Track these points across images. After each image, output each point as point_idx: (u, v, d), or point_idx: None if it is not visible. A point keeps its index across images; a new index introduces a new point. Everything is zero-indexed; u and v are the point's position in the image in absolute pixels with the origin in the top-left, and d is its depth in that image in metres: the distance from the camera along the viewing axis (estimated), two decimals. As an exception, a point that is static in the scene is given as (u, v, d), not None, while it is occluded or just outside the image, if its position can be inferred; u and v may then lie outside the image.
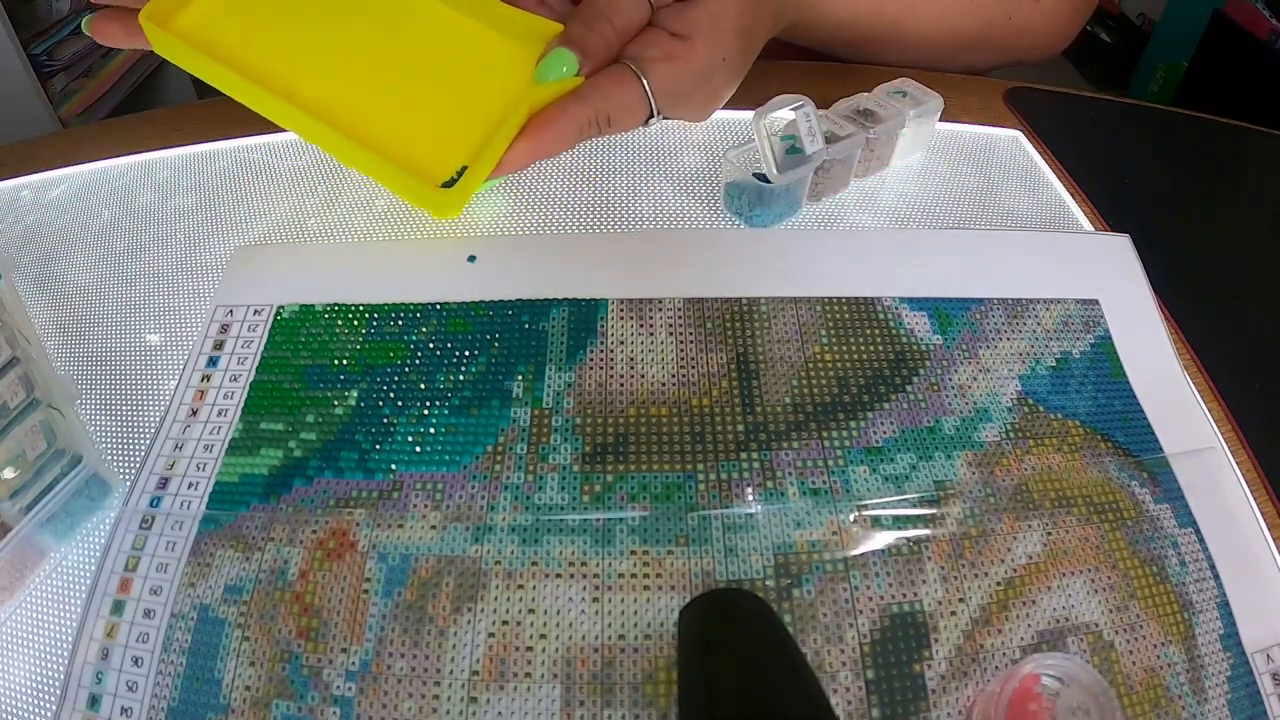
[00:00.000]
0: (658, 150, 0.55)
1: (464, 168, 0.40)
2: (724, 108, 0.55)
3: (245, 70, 0.42)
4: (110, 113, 2.06)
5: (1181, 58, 2.01)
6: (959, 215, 0.50)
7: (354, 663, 0.32)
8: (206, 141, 0.58)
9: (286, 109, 0.41)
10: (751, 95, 0.50)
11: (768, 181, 0.46)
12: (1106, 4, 2.38)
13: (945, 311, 0.43)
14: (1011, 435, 0.38)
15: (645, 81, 0.43)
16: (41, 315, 0.47)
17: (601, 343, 0.42)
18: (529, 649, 0.33)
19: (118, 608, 0.34)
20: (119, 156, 0.58)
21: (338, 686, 0.32)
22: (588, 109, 0.42)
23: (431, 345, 0.42)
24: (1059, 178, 0.53)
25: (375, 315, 0.43)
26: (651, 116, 0.45)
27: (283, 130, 0.57)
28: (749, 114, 0.45)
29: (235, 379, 0.41)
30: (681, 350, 0.41)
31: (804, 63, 0.62)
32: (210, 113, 0.62)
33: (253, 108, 0.42)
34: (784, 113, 0.45)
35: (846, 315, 0.43)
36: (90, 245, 0.51)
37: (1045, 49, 0.65)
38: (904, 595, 0.34)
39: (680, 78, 0.44)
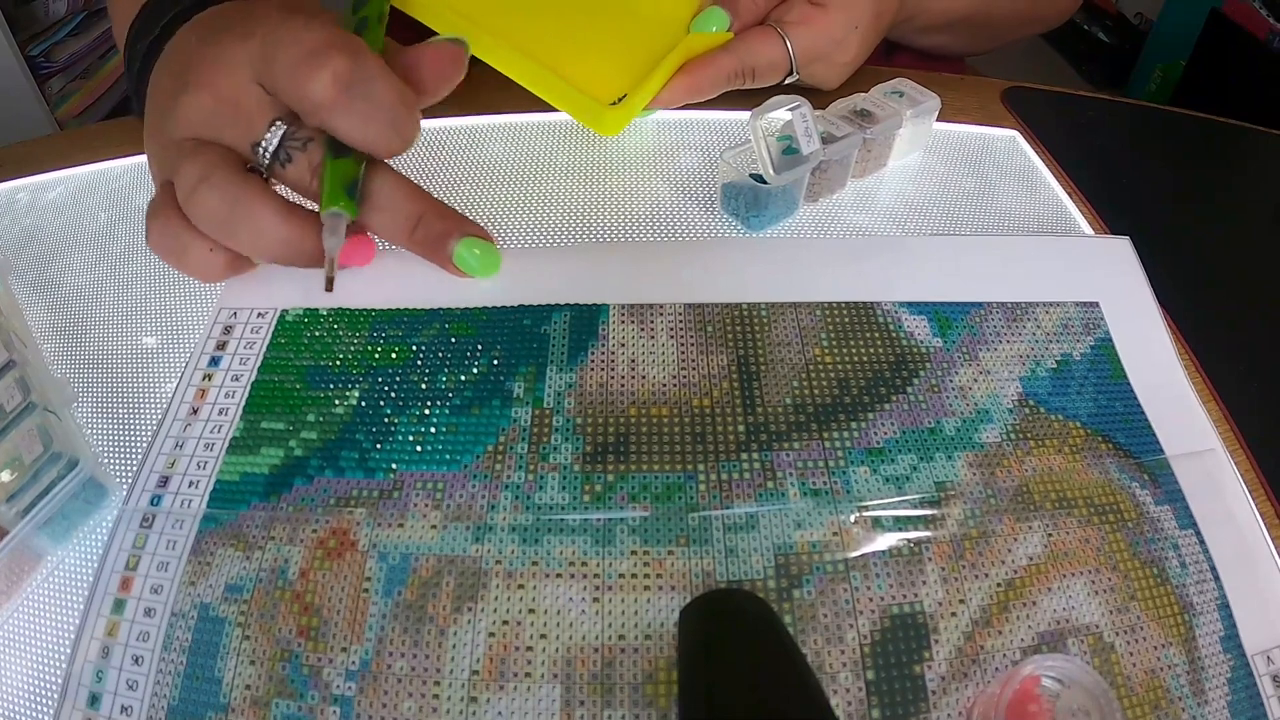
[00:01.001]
0: (655, 151, 0.55)
1: (624, 95, 0.48)
2: (720, 108, 0.55)
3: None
4: (108, 114, 2.06)
5: (1179, 57, 2.01)
6: (956, 216, 0.50)
7: (354, 662, 0.32)
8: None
9: (476, 32, 0.47)
10: (748, 96, 0.51)
11: (764, 183, 0.46)
12: (1104, 3, 2.38)
13: (945, 315, 0.43)
14: (1012, 437, 0.38)
15: (788, 42, 0.50)
16: (38, 317, 0.47)
17: (603, 345, 0.42)
18: (529, 649, 0.33)
19: (118, 606, 0.34)
20: (116, 158, 0.58)
21: (338, 686, 0.32)
22: (736, 61, 0.50)
23: (433, 348, 0.42)
24: (1056, 177, 0.54)
25: (379, 320, 0.43)
26: (790, 75, 0.52)
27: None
28: (745, 114, 0.45)
29: (237, 378, 0.41)
30: (682, 352, 0.41)
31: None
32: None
33: (439, 28, 0.47)
34: (780, 113, 0.45)
35: (846, 319, 0.43)
36: (87, 247, 0.51)
37: (1063, 18, 0.75)
38: (904, 596, 0.34)
39: (817, 41, 0.51)
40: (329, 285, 0.38)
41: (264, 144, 0.38)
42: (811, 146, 0.46)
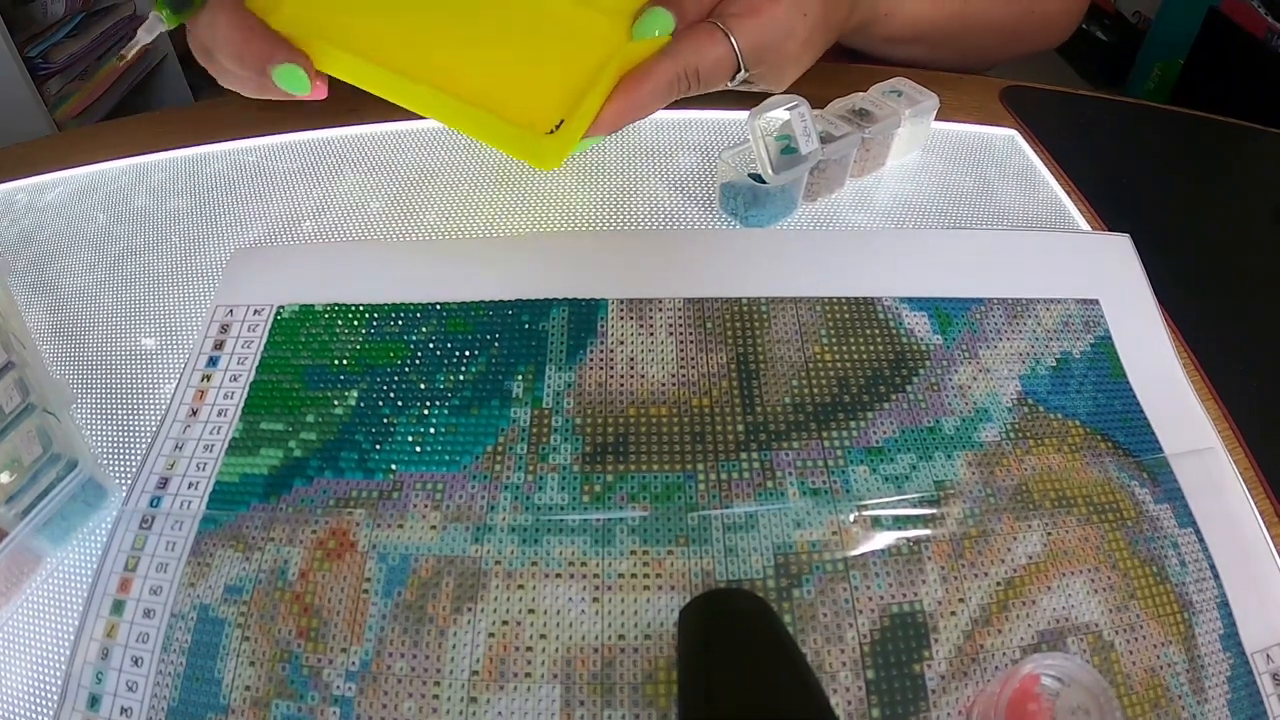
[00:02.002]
0: (653, 151, 0.55)
1: (560, 122, 0.41)
2: (719, 108, 0.55)
3: (339, 43, 0.43)
4: (106, 115, 2.06)
5: (1177, 56, 2.01)
6: (955, 215, 0.50)
7: (354, 663, 0.32)
8: (201, 144, 0.58)
9: (379, 72, 0.42)
10: (746, 96, 0.50)
11: (763, 182, 0.45)
12: (1103, 2, 2.38)
13: (945, 311, 0.43)
14: (1012, 435, 0.38)
15: (732, 37, 0.45)
16: (37, 319, 0.47)
17: (601, 343, 0.42)
18: (529, 649, 0.33)
19: (118, 607, 0.34)
20: (115, 160, 0.58)
21: (338, 686, 0.32)
22: (677, 65, 0.43)
23: (431, 345, 0.42)
24: (1055, 176, 0.53)
25: (375, 315, 0.43)
26: (738, 72, 0.46)
27: (276, 133, 0.57)
28: (744, 114, 0.45)
29: (235, 379, 0.41)
30: (682, 350, 0.41)
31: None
32: (204, 116, 0.62)
33: (343, 77, 0.44)
34: (779, 113, 0.45)
35: (847, 315, 0.43)
36: (86, 248, 0.51)
37: (1059, 37, 0.69)
38: (904, 595, 0.34)
39: (763, 32, 0.46)
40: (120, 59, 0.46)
41: None
42: (810, 146, 0.46)
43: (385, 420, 0.39)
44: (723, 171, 0.49)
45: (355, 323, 0.43)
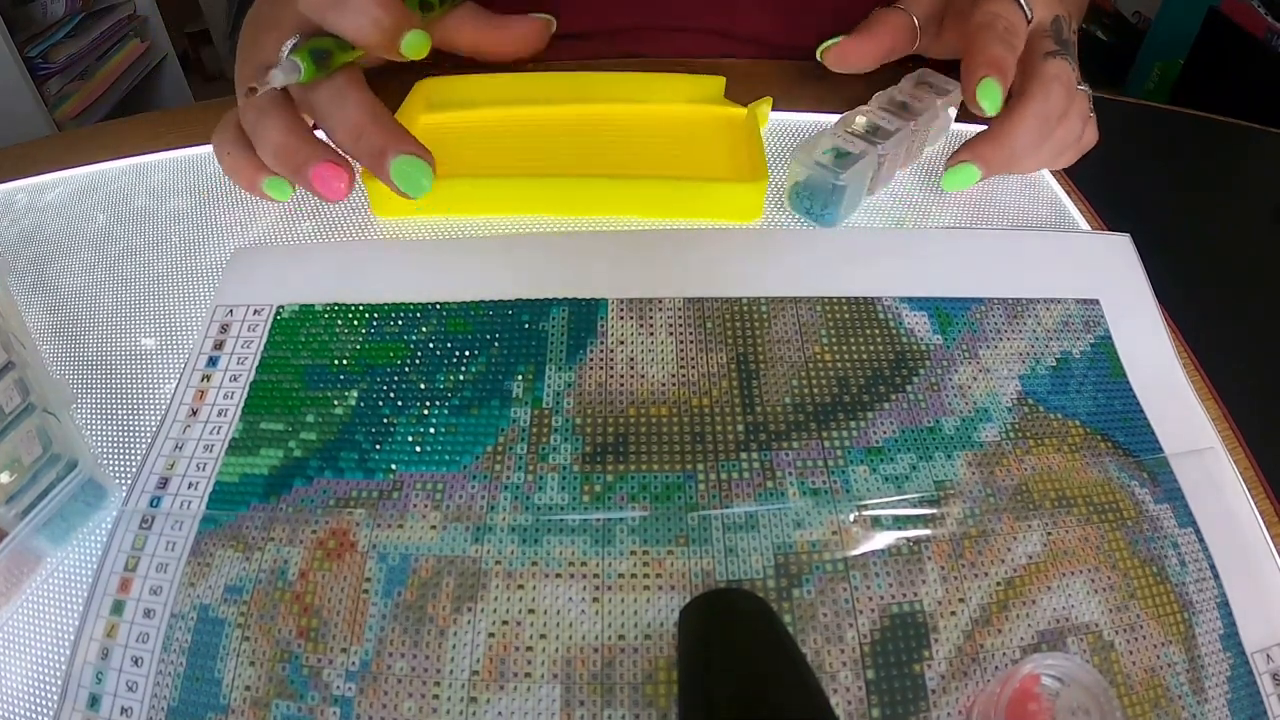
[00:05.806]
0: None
1: None
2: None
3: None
4: (106, 115, 2.06)
5: (1177, 55, 2.01)
6: (954, 213, 0.50)
7: (354, 663, 0.32)
8: (201, 144, 0.58)
9: (549, 182, 0.49)
10: (757, 99, 0.50)
11: (838, 181, 0.45)
12: (1102, 2, 2.39)
13: (945, 311, 0.43)
14: (1012, 435, 0.38)
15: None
16: (37, 319, 0.47)
17: (601, 342, 0.42)
18: (529, 649, 0.33)
19: (118, 607, 0.34)
20: (115, 160, 0.58)
21: (338, 686, 0.32)
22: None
23: (431, 345, 0.42)
24: (1055, 175, 0.53)
25: (375, 315, 0.43)
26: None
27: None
28: (800, 116, 0.45)
29: (235, 379, 0.41)
30: (681, 350, 0.41)
31: (801, 62, 0.62)
32: (204, 116, 0.62)
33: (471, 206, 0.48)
34: (862, 119, 0.48)
35: (847, 315, 0.43)
36: (86, 248, 0.51)
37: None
38: (904, 595, 0.34)
39: None
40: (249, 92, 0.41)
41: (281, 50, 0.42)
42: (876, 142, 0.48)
43: (385, 420, 0.39)
44: (796, 170, 0.48)
45: (355, 323, 0.43)
